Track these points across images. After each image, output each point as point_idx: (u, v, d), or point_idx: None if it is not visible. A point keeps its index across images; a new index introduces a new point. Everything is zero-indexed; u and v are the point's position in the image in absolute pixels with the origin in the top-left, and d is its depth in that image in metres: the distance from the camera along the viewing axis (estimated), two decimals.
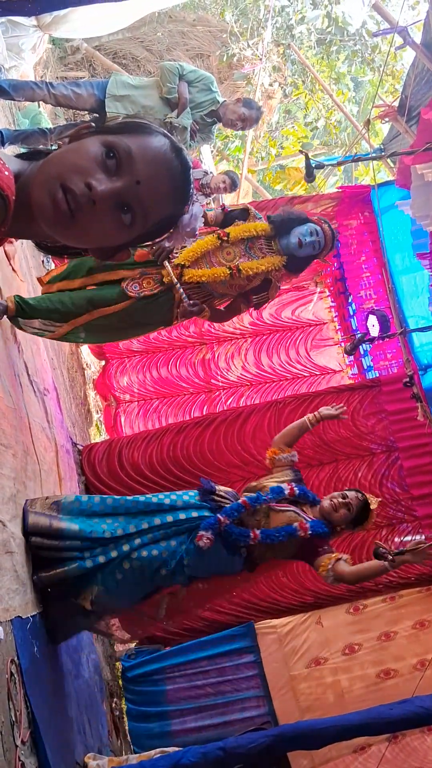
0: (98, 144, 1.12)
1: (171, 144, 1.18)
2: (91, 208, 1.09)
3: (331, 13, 10.04)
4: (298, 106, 11.14)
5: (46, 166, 1.13)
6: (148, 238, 1.26)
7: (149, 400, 6.10)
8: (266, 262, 3.43)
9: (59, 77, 7.76)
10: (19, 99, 4.55)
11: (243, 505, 2.96)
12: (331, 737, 2.54)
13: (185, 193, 1.22)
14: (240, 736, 2.75)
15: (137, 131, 1.16)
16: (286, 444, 3.29)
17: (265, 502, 3.00)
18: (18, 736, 2.02)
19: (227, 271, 3.37)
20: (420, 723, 2.73)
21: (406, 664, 4.37)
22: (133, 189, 1.12)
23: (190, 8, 10.03)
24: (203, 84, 4.71)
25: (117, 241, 1.20)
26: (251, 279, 3.45)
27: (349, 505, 3.05)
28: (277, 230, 3.50)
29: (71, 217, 1.09)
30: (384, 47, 9.72)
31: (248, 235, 3.45)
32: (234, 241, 3.44)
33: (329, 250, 3.60)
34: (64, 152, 1.14)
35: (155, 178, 1.14)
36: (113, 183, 1.11)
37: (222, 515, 2.90)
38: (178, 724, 4.29)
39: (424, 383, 4.59)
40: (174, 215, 1.25)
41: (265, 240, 3.49)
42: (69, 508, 2.82)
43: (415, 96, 4.49)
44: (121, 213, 1.13)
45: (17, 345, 3.27)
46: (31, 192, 1.11)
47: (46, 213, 1.10)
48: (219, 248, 3.43)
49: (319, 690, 4.37)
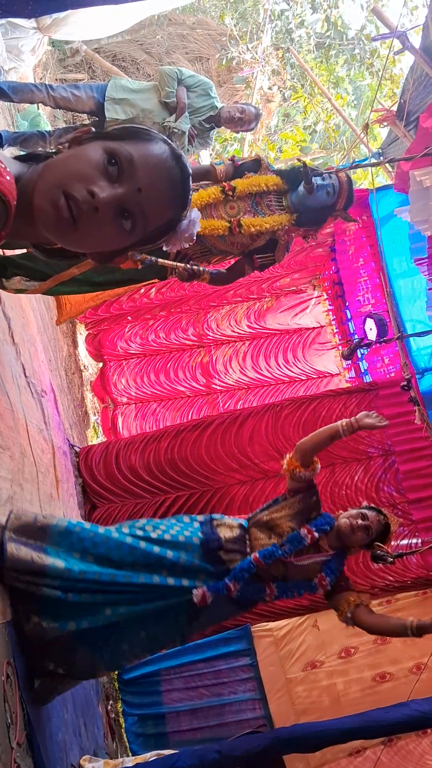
0: (100, 150, 1.13)
1: (171, 151, 1.20)
2: (93, 215, 1.10)
3: (330, 17, 10.07)
4: (297, 110, 11.16)
5: (48, 171, 1.14)
6: (147, 242, 1.27)
7: (147, 403, 6.11)
8: (272, 220, 3.12)
9: (59, 79, 7.77)
10: (18, 101, 4.56)
11: (255, 565, 2.58)
12: (326, 740, 2.54)
13: (185, 199, 1.24)
14: (236, 738, 2.76)
15: (138, 137, 1.18)
16: (312, 453, 2.79)
17: (282, 556, 2.62)
18: (13, 737, 2.02)
19: (226, 225, 3.07)
20: (415, 726, 2.74)
21: (402, 668, 4.37)
22: (134, 196, 1.13)
23: (190, 11, 10.05)
24: (202, 89, 4.72)
25: (117, 246, 1.22)
26: (255, 238, 3.16)
27: (369, 529, 2.75)
28: (290, 184, 3.17)
29: (73, 224, 1.10)
30: (383, 51, 9.75)
31: (256, 189, 3.14)
32: (240, 195, 3.13)
33: (346, 200, 3.22)
34: (66, 158, 1.15)
35: (156, 185, 1.16)
36: (115, 190, 1.12)
37: (230, 580, 2.53)
38: (174, 726, 4.29)
39: (421, 387, 4.60)
40: (173, 220, 1.26)
41: (276, 195, 3.18)
42: (57, 540, 2.37)
43: (413, 100, 4.50)
44: (122, 219, 1.15)
45: (15, 347, 3.27)
46: (33, 198, 1.12)
47: (47, 219, 1.11)
48: (222, 201, 3.13)
49: (315, 693, 4.37)
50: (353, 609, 2.66)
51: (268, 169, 3.24)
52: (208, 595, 2.49)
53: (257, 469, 4.75)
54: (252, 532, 2.72)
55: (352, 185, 3.26)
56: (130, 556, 2.43)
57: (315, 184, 3.09)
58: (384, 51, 9.53)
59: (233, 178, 3.24)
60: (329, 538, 2.74)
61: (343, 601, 2.68)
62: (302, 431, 4.78)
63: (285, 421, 4.81)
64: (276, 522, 2.72)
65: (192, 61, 8.99)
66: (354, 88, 11.63)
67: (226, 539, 2.65)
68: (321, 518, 2.76)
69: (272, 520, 2.73)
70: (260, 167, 3.25)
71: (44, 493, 3.17)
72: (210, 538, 2.62)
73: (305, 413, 4.83)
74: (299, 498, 2.77)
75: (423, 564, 4.51)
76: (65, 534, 2.39)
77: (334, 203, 3.20)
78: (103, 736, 3.69)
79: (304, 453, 2.78)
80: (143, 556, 2.46)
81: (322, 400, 4.91)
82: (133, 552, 2.44)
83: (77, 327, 6.02)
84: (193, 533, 2.63)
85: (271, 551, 2.61)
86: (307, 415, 4.82)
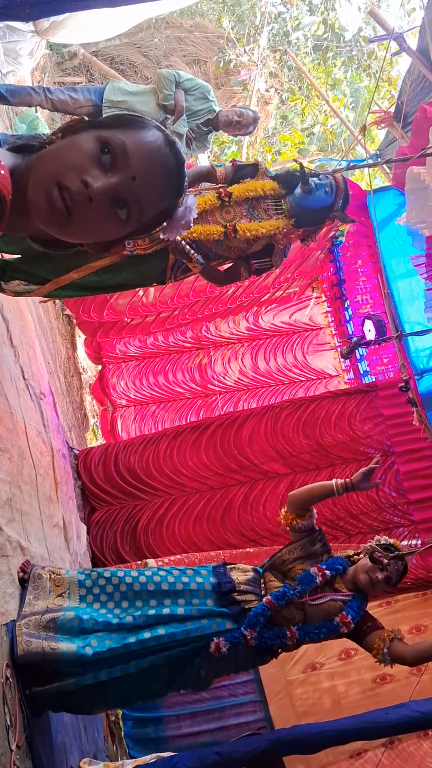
0: (92, 140, 1.12)
1: (165, 137, 1.18)
2: (88, 206, 1.09)
3: (327, 19, 10.08)
4: (294, 112, 11.17)
5: (41, 163, 1.12)
6: (144, 231, 1.25)
7: (146, 405, 6.10)
8: (268, 224, 3.10)
9: (56, 82, 7.78)
10: (16, 104, 4.56)
11: (268, 607, 2.55)
12: (327, 741, 2.53)
13: (180, 186, 1.22)
14: (236, 740, 2.75)
15: (131, 125, 1.16)
16: (305, 505, 2.74)
17: (295, 596, 2.59)
18: (13, 740, 2.01)
19: (221, 230, 3.06)
20: (416, 727, 2.73)
21: (403, 670, 4.33)
22: (128, 185, 1.12)
23: (187, 14, 10.06)
24: (200, 92, 4.72)
25: (113, 236, 1.20)
26: (251, 243, 3.14)
27: (389, 579, 2.66)
28: (288, 188, 3.16)
29: (67, 215, 1.09)
30: (380, 53, 9.76)
31: (253, 194, 3.13)
32: (237, 201, 3.12)
33: (343, 199, 3.21)
34: (58, 149, 1.13)
35: (150, 173, 1.14)
36: (109, 179, 1.10)
37: (246, 628, 2.51)
38: (174, 729, 4.27)
39: (420, 388, 4.60)
40: (169, 208, 1.25)
41: (273, 200, 3.17)
42: (68, 626, 2.38)
43: (411, 102, 4.52)
44: (117, 209, 1.13)
45: (13, 349, 3.27)
46: (27, 190, 1.11)
47: (42, 211, 1.10)
48: (219, 207, 3.12)
49: (315, 695, 4.35)
50: (389, 644, 2.58)
51: (266, 174, 3.24)
52: (224, 644, 2.49)
53: (257, 470, 4.74)
54: (266, 576, 2.72)
55: (348, 184, 3.26)
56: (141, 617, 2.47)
57: (313, 184, 3.09)
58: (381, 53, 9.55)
59: (232, 180, 3.23)
60: (344, 580, 2.70)
61: (377, 639, 2.60)
62: (301, 432, 4.78)
63: (284, 422, 4.81)
64: (288, 567, 2.71)
65: (190, 64, 9.01)
66: (352, 91, 11.66)
67: (239, 582, 2.66)
68: (332, 559, 2.73)
69: (284, 563, 2.73)
70: (258, 172, 3.25)
71: (43, 496, 3.16)
72: (222, 581, 2.64)
73: (304, 414, 4.83)
74: (304, 542, 2.75)
75: (423, 565, 4.50)
76: (74, 620, 2.39)
77: (333, 203, 3.19)
78: (103, 739, 3.68)
79: (297, 505, 2.74)
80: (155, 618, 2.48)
81: (321, 401, 4.91)
82: (146, 619, 2.47)
83: (76, 330, 6.02)
84: (205, 579, 2.64)
85: (283, 592, 2.59)
86: (306, 416, 4.82)
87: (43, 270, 2.87)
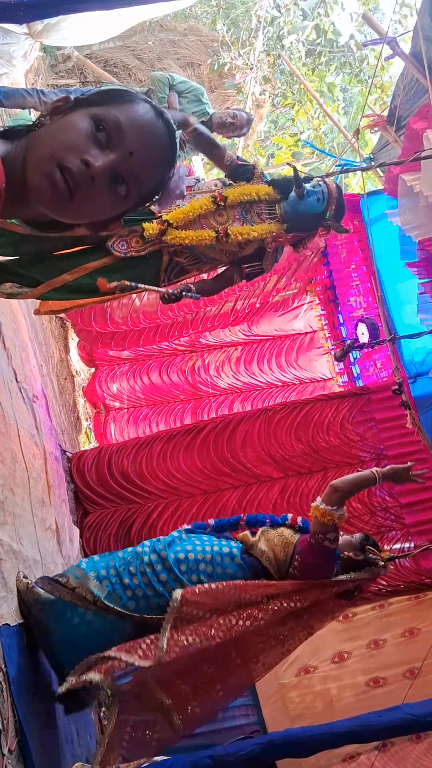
0: (86, 118, 1.12)
1: (153, 108, 1.19)
2: (90, 185, 1.10)
3: (320, 25, 10.11)
4: (286, 117, 11.20)
5: (36, 146, 1.12)
6: (141, 204, 1.27)
7: (139, 408, 6.09)
8: (260, 228, 3.09)
9: (50, 85, 7.78)
10: (9, 106, 4.55)
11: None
12: (320, 745, 2.52)
13: (173, 156, 1.23)
14: (229, 744, 2.73)
15: (119, 99, 1.16)
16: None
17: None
18: (5, 744, 2.00)
19: (212, 234, 3.03)
20: (409, 730, 2.72)
21: (396, 673, 4.36)
22: (126, 160, 1.13)
23: (182, 17, 10.08)
24: (193, 95, 4.73)
25: (113, 213, 1.21)
26: (242, 246, 3.14)
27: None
28: (282, 193, 3.16)
29: (70, 196, 1.09)
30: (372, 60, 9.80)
31: (247, 198, 3.12)
32: (231, 204, 3.12)
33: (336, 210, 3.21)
34: (53, 130, 1.13)
35: (146, 147, 1.15)
36: (107, 156, 1.11)
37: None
38: None
39: (413, 391, 4.60)
40: (163, 179, 1.26)
41: (267, 204, 3.17)
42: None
43: (404, 106, 4.53)
44: (116, 185, 1.14)
45: (6, 352, 3.26)
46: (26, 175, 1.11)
47: (44, 195, 1.10)
48: (213, 212, 3.10)
49: (308, 698, 4.35)
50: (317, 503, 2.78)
51: (261, 179, 3.23)
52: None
53: (250, 474, 4.74)
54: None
55: (341, 193, 3.25)
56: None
57: (305, 189, 3.10)
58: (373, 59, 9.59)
59: (233, 177, 3.23)
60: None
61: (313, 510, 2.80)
62: (294, 435, 4.78)
63: (278, 425, 4.81)
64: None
65: (183, 66, 9.01)
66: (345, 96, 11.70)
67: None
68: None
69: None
70: (253, 176, 3.23)
71: (36, 498, 3.15)
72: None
73: (298, 417, 4.83)
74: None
75: (415, 568, 4.50)
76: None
77: (324, 211, 3.19)
78: (96, 743, 3.66)
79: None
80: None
81: (315, 405, 4.91)
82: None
83: (69, 332, 6.00)
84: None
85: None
86: (299, 420, 4.82)
87: (36, 272, 2.87)
